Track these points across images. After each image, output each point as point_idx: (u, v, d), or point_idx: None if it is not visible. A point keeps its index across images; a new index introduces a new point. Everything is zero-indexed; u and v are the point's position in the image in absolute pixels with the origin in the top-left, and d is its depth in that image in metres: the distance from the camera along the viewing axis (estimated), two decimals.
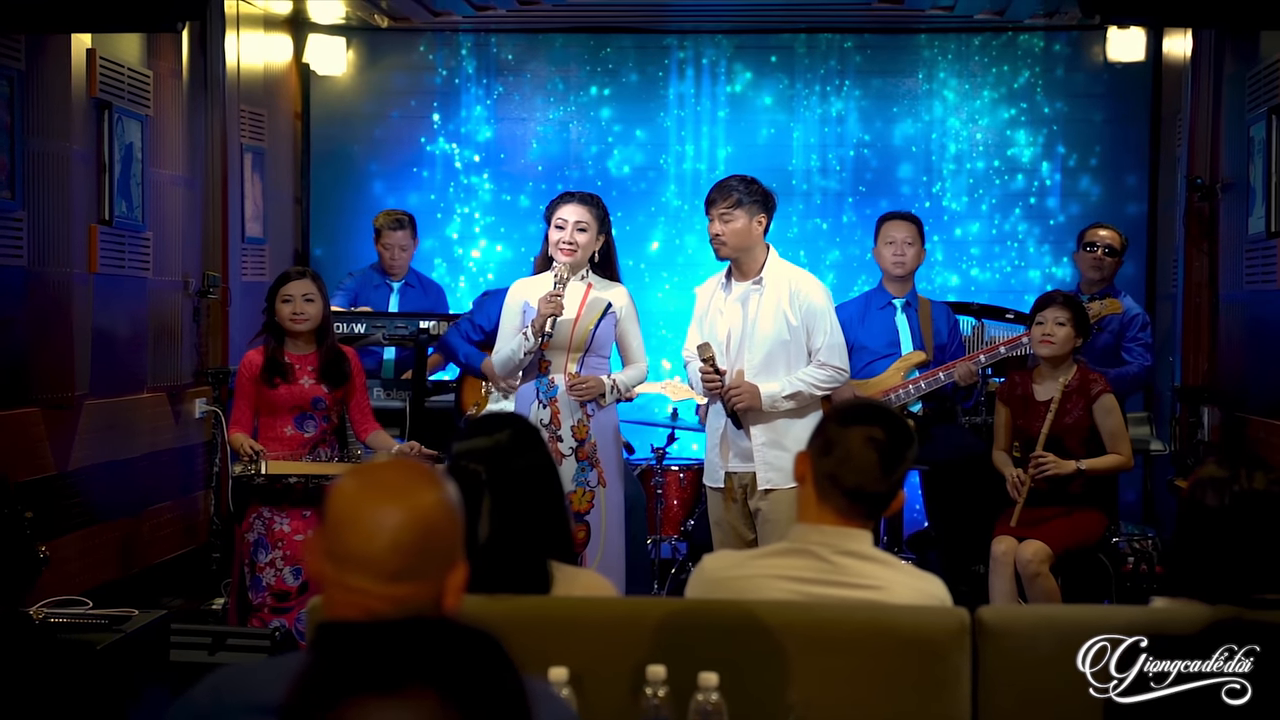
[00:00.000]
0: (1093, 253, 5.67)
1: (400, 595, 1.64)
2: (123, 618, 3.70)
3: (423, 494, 1.68)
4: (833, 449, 2.35)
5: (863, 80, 7.20)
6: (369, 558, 1.64)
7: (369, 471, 1.74)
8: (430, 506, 1.67)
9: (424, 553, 1.66)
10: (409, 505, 1.66)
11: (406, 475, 1.70)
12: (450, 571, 1.69)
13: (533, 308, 4.53)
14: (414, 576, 1.65)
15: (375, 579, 1.64)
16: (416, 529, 1.65)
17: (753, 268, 4.47)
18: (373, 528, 1.65)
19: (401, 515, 1.65)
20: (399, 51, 7.40)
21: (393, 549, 1.64)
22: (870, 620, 2.28)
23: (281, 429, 4.77)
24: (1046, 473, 4.72)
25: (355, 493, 1.68)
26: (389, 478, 1.70)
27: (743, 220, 4.41)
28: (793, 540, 2.40)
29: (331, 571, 1.67)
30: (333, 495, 1.70)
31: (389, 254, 6.37)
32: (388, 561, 1.64)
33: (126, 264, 5.19)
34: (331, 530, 1.67)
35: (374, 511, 1.65)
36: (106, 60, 4.94)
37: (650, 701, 2.23)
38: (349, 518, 1.66)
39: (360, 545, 1.65)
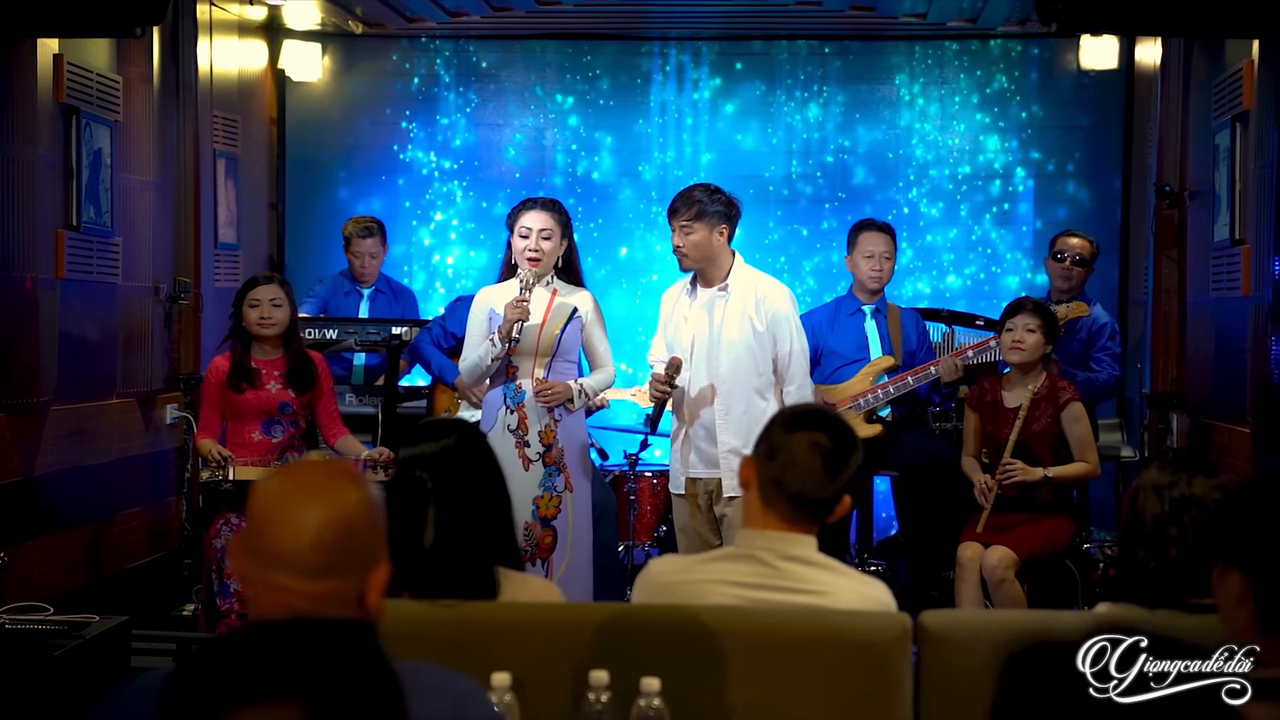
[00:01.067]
0: (1061, 262, 5.68)
1: (322, 592, 1.66)
2: (83, 624, 3.69)
3: (344, 492, 1.70)
4: (777, 454, 2.36)
5: (839, 87, 7.22)
6: (291, 555, 1.66)
7: (292, 471, 1.76)
8: (352, 504, 1.69)
9: (346, 550, 1.68)
10: (331, 503, 1.68)
11: (328, 474, 1.73)
12: (372, 569, 1.70)
13: (499, 314, 4.53)
14: (336, 573, 1.67)
15: (297, 576, 1.66)
16: (338, 526, 1.67)
17: (718, 275, 4.48)
18: (295, 525, 1.67)
19: (323, 513, 1.67)
20: (374, 57, 7.40)
21: (314, 546, 1.66)
22: (813, 625, 2.29)
23: (249, 434, 4.77)
24: (1014, 479, 4.73)
25: (278, 492, 1.70)
26: (311, 477, 1.72)
27: (703, 232, 4.42)
28: (738, 545, 2.41)
29: (255, 570, 1.69)
30: (256, 495, 1.72)
31: (358, 261, 6.36)
32: (310, 558, 1.66)
33: (95, 269, 5.18)
34: (255, 529, 1.69)
35: (296, 509, 1.68)
36: (74, 66, 4.93)
37: (593, 707, 2.23)
38: (272, 516, 1.68)
39: (283, 543, 1.67)
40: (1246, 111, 4.68)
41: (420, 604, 2.35)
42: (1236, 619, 1.65)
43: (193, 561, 5.91)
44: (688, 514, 4.49)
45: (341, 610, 1.68)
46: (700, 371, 4.44)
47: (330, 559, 1.67)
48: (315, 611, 1.66)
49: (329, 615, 1.67)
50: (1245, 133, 4.71)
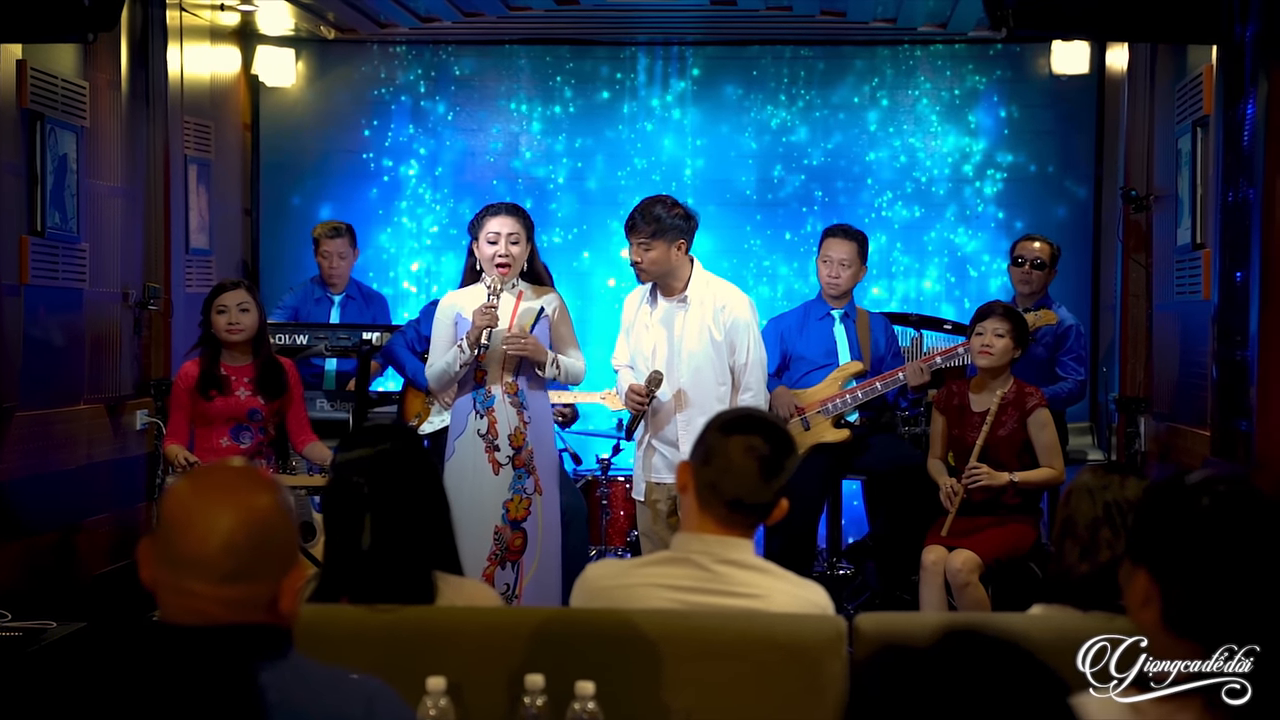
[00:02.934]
0: (1020, 267, 5.70)
1: (234, 597, 1.66)
2: (39, 630, 3.68)
3: (256, 496, 1.69)
4: (713, 458, 2.37)
5: (812, 92, 7.23)
6: (202, 559, 1.66)
7: (203, 474, 1.75)
8: (264, 508, 1.69)
9: (258, 554, 1.67)
10: (242, 507, 1.68)
11: (240, 478, 1.72)
12: (286, 574, 1.70)
13: (465, 319, 4.54)
14: (248, 578, 1.67)
15: (209, 581, 1.65)
16: (250, 530, 1.67)
17: (676, 286, 4.52)
18: (206, 529, 1.66)
19: (234, 516, 1.67)
20: (347, 63, 7.41)
21: (226, 550, 1.66)
22: (748, 628, 2.29)
23: (217, 441, 4.77)
24: (979, 483, 4.74)
25: (188, 495, 1.70)
26: (222, 480, 1.72)
27: (660, 249, 4.47)
28: (674, 549, 2.42)
29: (166, 575, 1.68)
30: (166, 498, 1.72)
31: (328, 263, 6.36)
32: (221, 563, 1.65)
33: (60, 275, 5.17)
34: (165, 533, 1.69)
35: (207, 513, 1.67)
36: (38, 71, 4.93)
37: (528, 710, 2.24)
38: (182, 520, 1.68)
39: (193, 547, 1.66)
40: (1206, 116, 4.71)
41: (357, 609, 2.35)
42: (1143, 618, 1.66)
43: None
44: (650, 519, 4.51)
45: (253, 615, 1.68)
46: (664, 380, 4.46)
47: (242, 564, 1.66)
48: (226, 617, 1.66)
49: (240, 620, 1.67)
50: (1205, 137, 4.74)
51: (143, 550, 1.73)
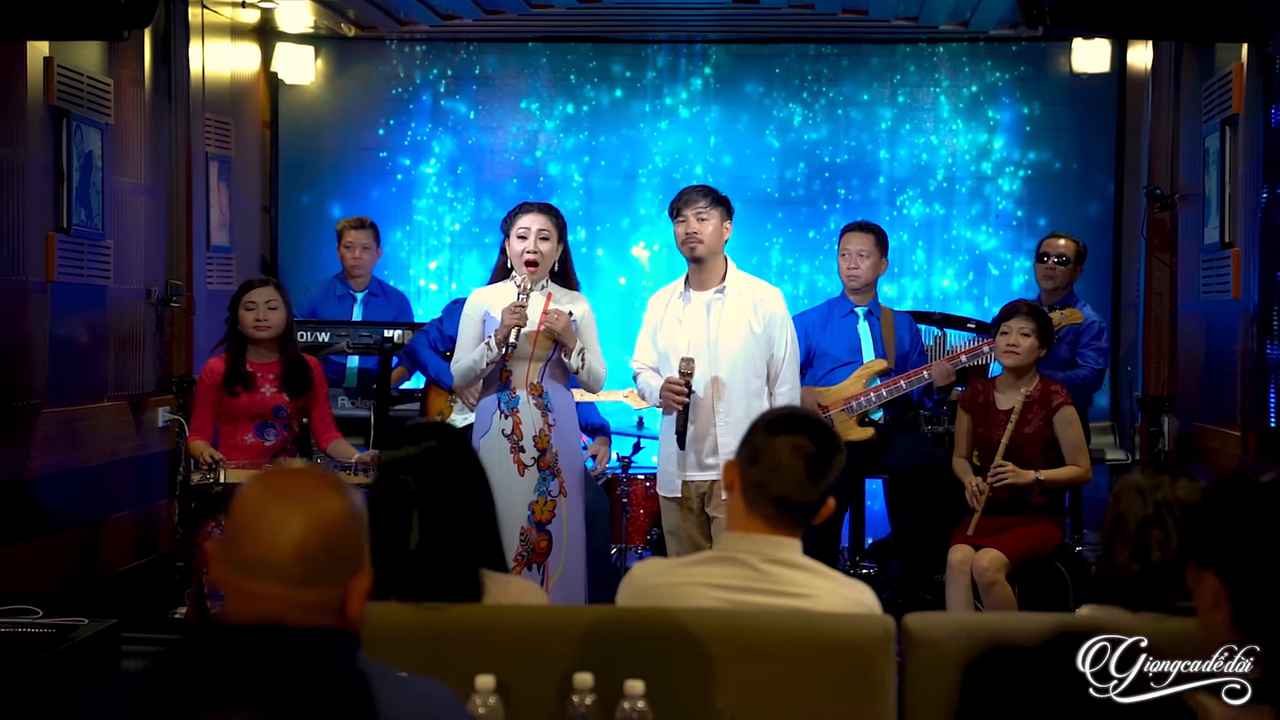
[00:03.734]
0: (1044, 263, 5.71)
1: (305, 601, 1.65)
2: (71, 627, 3.68)
3: (326, 500, 1.69)
4: (760, 458, 2.36)
5: (833, 90, 7.22)
6: (273, 563, 1.65)
7: (273, 478, 1.74)
8: (334, 512, 1.68)
9: (328, 558, 1.67)
10: (312, 511, 1.67)
11: (309, 482, 1.71)
12: (354, 577, 1.69)
13: (493, 317, 4.52)
14: (319, 582, 1.66)
15: (280, 584, 1.65)
16: (321, 534, 1.67)
17: (714, 277, 4.48)
18: (277, 533, 1.66)
19: (305, 521, 1.66)
20: (367, 60, 7.40)
21: (297, 554, 1.65)
22: (796, 628, 2.29)
23: (242, 437, 4.76)
24: (1005, 482, 4.73)
25: (259, 499, 1.69)
26: (293, 484, 1.71)
27: (716, 222, 4.47)
28: (721, 548, 2.41)
29: (235, 578, 1.67)
30: (237, 503, 1.71)
31: (351, 254, 6.34)
32: (292, 567, 1.65)
33: (86, 272, 5.18)
34: (235, 537, 1.68)
35: (278, 517, 1.66)
36: (65, 68, 4.93)
37: (577, 709, 2.23)
38: (253, 524, 1.67)
39: (265, 551, 1.66)
40: (1236, 115, 4.69)
41: (405, 607, 2.35)
42: (1213, 621, 1.65)
43: (184, 564, 5.91)
44: (679, 517, 4.48)
45: (322, 619, 1.67)
46: (699, 375, 4.42)
47: (313, 568, 1.65)
48: (296, 620, 1.65)
49: (310, 624, 1.66)
50: (1235, 136, 4.72)
51: (212, 551, 1.73)
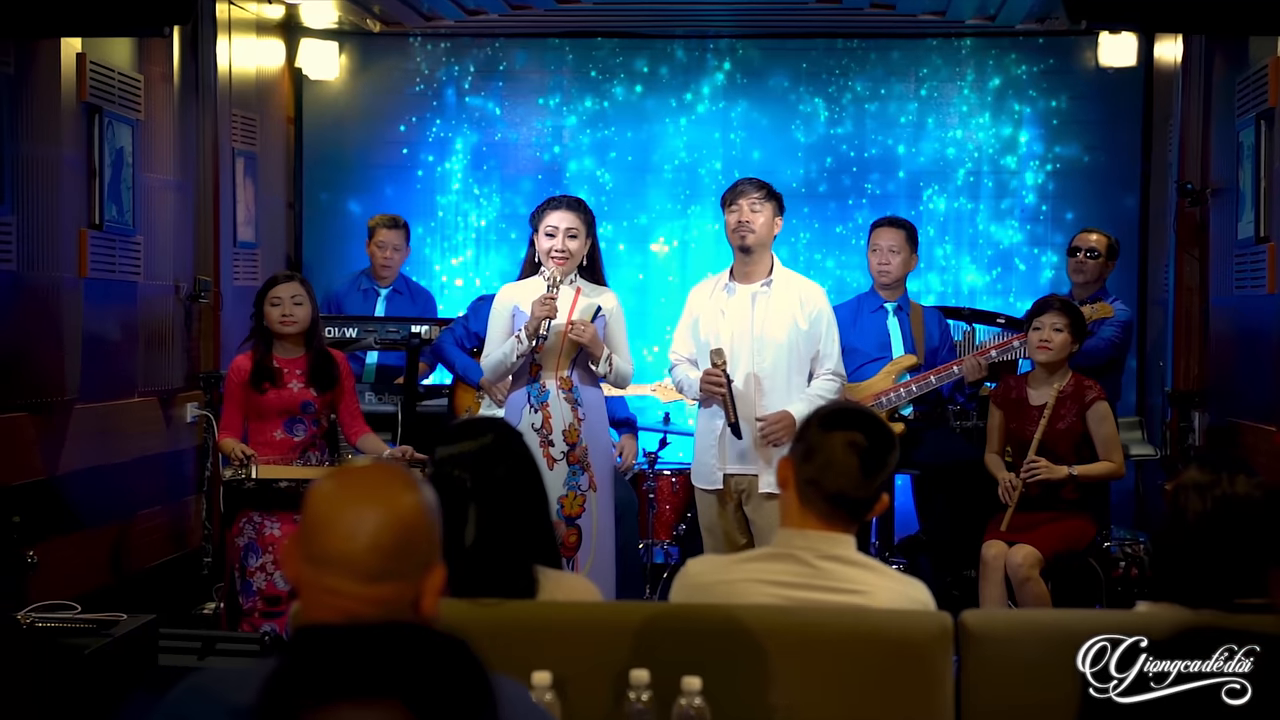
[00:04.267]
0: (1075, 258, 5.70)
1: (380, 596, 1.65)
2: (110, 622, 3.69)
3: (401, 495, 1.68)
4: (814, 455, 2.35)
5: (858, 85, 7.20)
6: (348, 559, 1.65)
7: (347, 474, 1.74)
8: (409, 507, 1.68)
9: (403, 553, 1.66)
10: (387, 506, 1.66)
11: (384, 477, 1.71)
12: (428, 573, 1.69)
13: (522, 312, 4.53)
14: (394, 577, 1.65)
15: (355, 580, 1.64)
16: (396, 530, 1.66)
17: (760, 270, 4.46)
18: (352, 529, 1.65)
19: (380, 516, 1.65)
20: (391, 56, 7.40)
21: (372, 550, 1.64)
22: (853, 625, 2.28)
23: (271, 433, 4.76)
24: (1038, 477, 4.72)
25: (333, 494, 1.68)
26: (367, 479, 1.71)
27: (768, 214, 4.47)
28: (776, 545, 2.40)
29: (310, 574, 1.67)
30: (311, 498, 1.70)
31: (382, 253, 6.34)
32: (367, 562, 1.64)
33: (117, 268, 5.19)
34: (310, 532, 1.67)
35: (353, 513, 1.66)
36: (97, 65, 4.93)
37: (634, 706, 2.23)
38: (327, 519, 1.66)
39: (339, 546, 1.65)
40: (1271, 109, 4.67)
41: (460, 603, 2.34)
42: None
43: (213, 560, 5.92)
44: (716, 512, 4.47)
45: (397, 615, 1.66)
46: (742, 368, 4.41)
47: (389, 563, 1.65)
48: (371, 616, 1.65)
49: (384, 620, 1.66)
50: (1270, 130, 4.70)
51: (287, 549, 1.72)
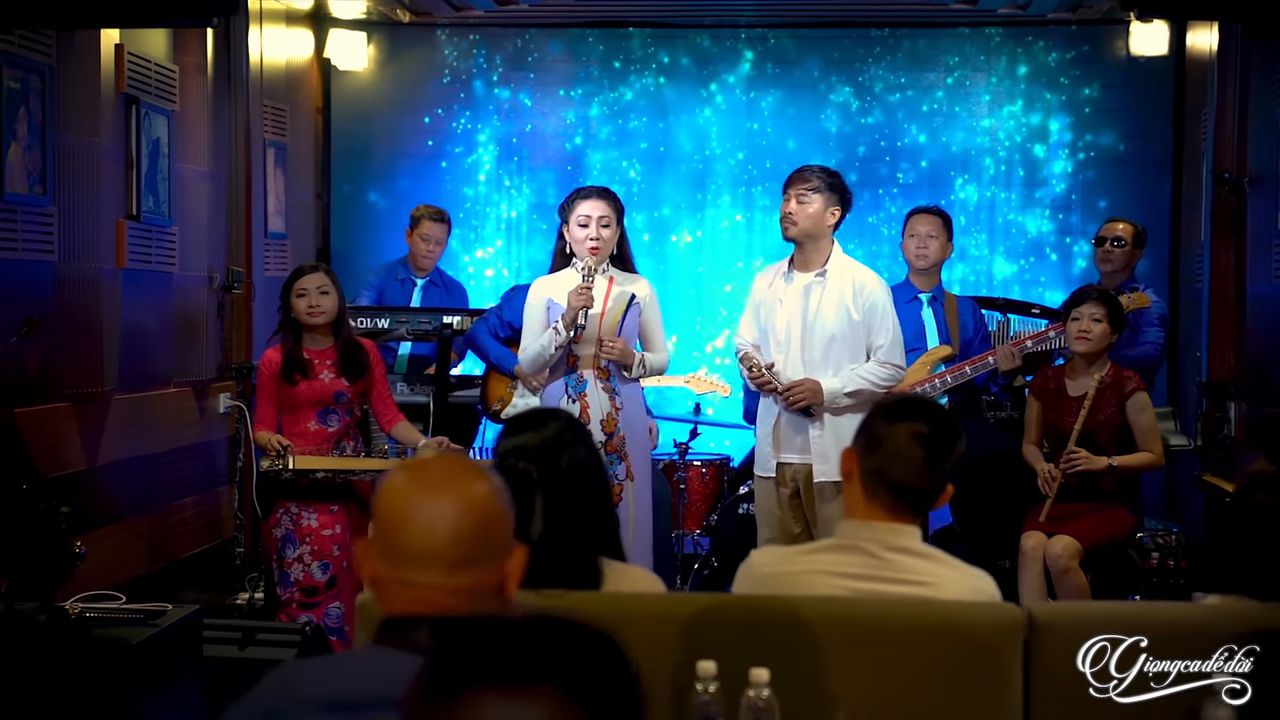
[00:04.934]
0: (1102, 247, 5.68)
1: (465, 585, 1.66)
2: (157, 612, 3.69)
3: (473, 483, 1.70)
4: (879, 446, 2.35)
5: (888, 74, 7.18)
6: (430, 550, 1.66)
7: (415, 468, 1.75)
8: (482, 494, 1.69)
9: (483, 540, 1.68)
10: (461, 495, 1.68)
11: (454, 467, 1.73)
12: (508, 557, 1.70)
13: (557, 304, 4.52)
14: (476, 564, 1.67)
15: (439, 571, 1.65)
16: (473, 517, 1.67)
17: (817, 260, 4.43)
18: (430, 521, 1.66)
19: (456, 505, 1.67)
20: (420, 46, 7.39)
21: (453, 539, 1.66)
22: (921, 616, 2.27)
23: (305, 424, 4.76)
24: (1078, 468, 4.71)
25: (406, 489, 1.69)
26: (437, 471, 1.72)
27: (817, 206, 4.39)
28: (841, 536, 2.40)
29: (390, 570, 1.68)
30: (383, 494, 1.71)
31: (425, 246, 6.33)
32: (449, 551, 1.65)
33: (153, 259, 5.20)
34: (386, 529, 1.68)
35: (428, 505, 1.67)
36: (134, 55, 4.94)
37: (700, 698, 2.22)
38: (403, 515, 1.67)
39: (419, 540, 1.66)
40: None
41: (526, 595, 2.33)
42: None
43: (245, 551, 5.93)
44: (773, 500, 4.46)
45: (483, 603, 1.67)
46: (794, 357, 4.40)
47: (470, 550, 1.66)
48: (458, 607, 1.66)
49: (471, 609, 1.66)
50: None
51: (359, 550, 1.73)
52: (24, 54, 4.17)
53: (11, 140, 4.05)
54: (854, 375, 4.33)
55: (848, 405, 4.34)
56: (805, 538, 4.34)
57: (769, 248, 7.24)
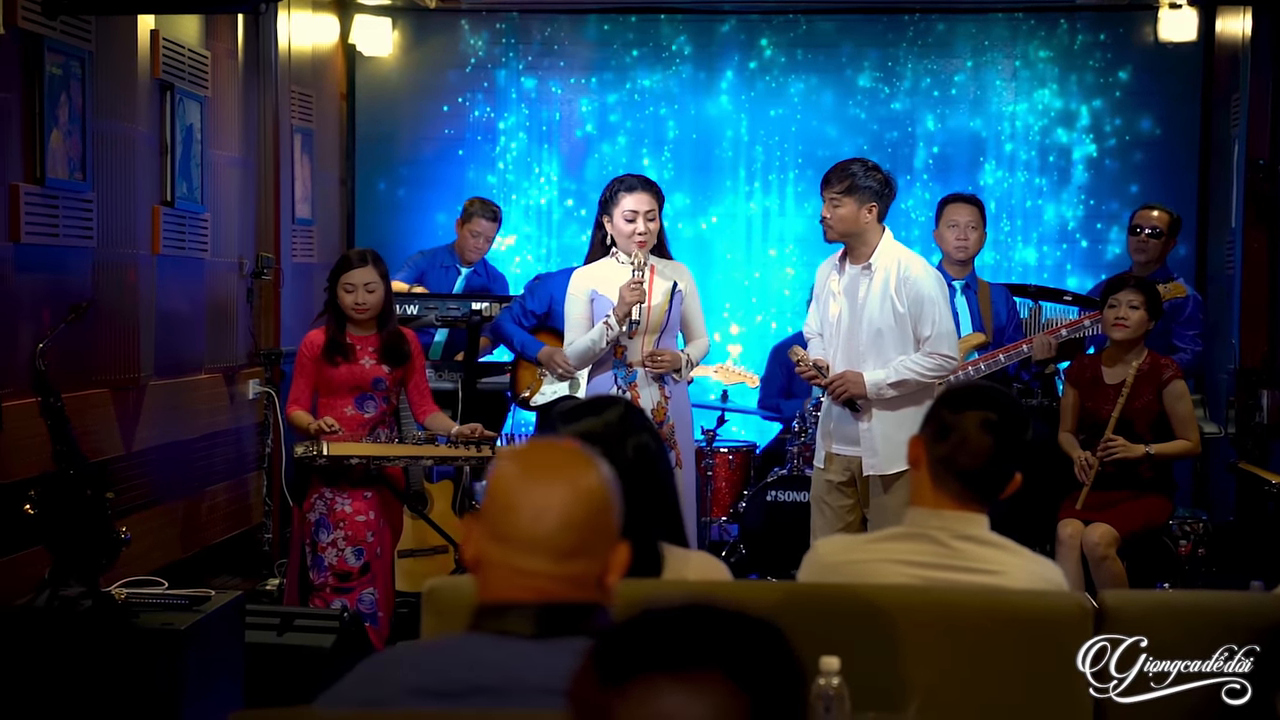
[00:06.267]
0: (1137, 235, 5.65)
1: (572, 574, 1.66)
2: (202, 598, 3.70)
3: (585, 472, 1.69)
4: (947, 434, 2.34)
5: (915, 61, 7.15)
6: (539, 537, 1.65)
7: (528, 455, 1.74)
8: (594, 484, 1.69)
9: (592, 530, 1.67)
10: (573, 484, 1.67)
11: (566, 455, 1.71)
12: (614, 549, 1.70)
13: (601, 296, 4.50)
14: (584, 554, 1.67)
15: (547, 558, 1.65)
16: (584, 506, 1.67)
17: (864, 252, 4.40)
18: (541, 507, 1.66)
19: (568, 494, 1.66)
20: (445, 32, 7.37)
21: (563, 528, 1.65)
22: (991, 605, 2.27)
23: (341, 409, 4.74)
24: (1116, 456, 4.70)
25: (518, 476, 1.68)
26: (550, 458, 1.71)
27: (850, 207, 4.33)
28: (909, 525, 2.39)
29: (497, 554, 1.67)
30: (495, 480, 1.70)
31: (475, 241, 6.32)
32: (559, 540, 1.65)
33: (187, 245, 5.19)
34: (496, 514, 1.67)
35: (540, 492, 1.66)
36: (169, 41, 4.93)
37: None
38: (514, 501, 1.66)
39: (529, 527, 1.66)
40: None
41: None
42: None
43: (274, 537, 5.94)
44: (824, 488, 4.46)
45: (586, 593, 1.67)
46: (842, 350, 4.39)
47: (580, 539, 1.66)
48: (563, 594, 1.66)
49: (575, 598, 1.66)
50: None
51: (466, 531, 1.72)
52: (65, 40, 4.16)
53: (54, 126, 4.05)
54: (899, 366, 4.31)
55: (896, 398, 4.32)
56: (857, 528, 4.34)
57: (798, 234, 7.23)
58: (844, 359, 4.39)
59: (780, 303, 7.26)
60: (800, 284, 7.03)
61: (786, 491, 5.82)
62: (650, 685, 1.10)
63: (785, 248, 7.29)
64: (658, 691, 1.10)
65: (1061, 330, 5.27)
